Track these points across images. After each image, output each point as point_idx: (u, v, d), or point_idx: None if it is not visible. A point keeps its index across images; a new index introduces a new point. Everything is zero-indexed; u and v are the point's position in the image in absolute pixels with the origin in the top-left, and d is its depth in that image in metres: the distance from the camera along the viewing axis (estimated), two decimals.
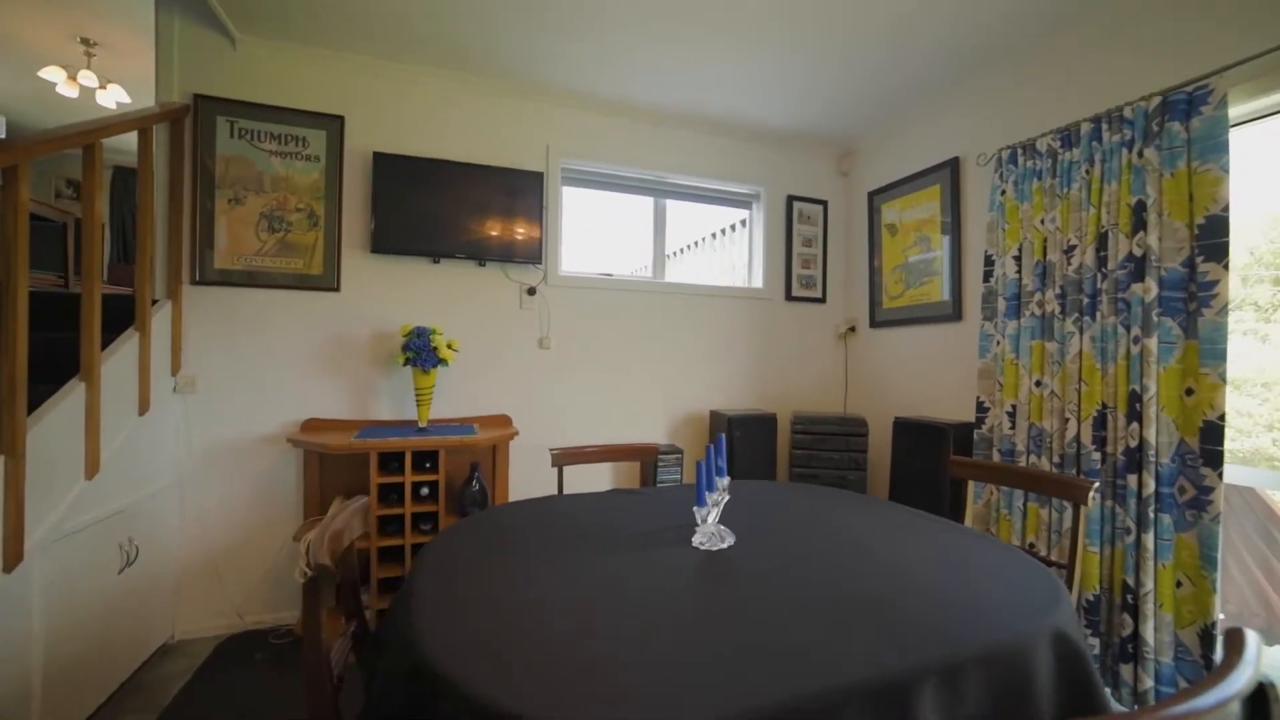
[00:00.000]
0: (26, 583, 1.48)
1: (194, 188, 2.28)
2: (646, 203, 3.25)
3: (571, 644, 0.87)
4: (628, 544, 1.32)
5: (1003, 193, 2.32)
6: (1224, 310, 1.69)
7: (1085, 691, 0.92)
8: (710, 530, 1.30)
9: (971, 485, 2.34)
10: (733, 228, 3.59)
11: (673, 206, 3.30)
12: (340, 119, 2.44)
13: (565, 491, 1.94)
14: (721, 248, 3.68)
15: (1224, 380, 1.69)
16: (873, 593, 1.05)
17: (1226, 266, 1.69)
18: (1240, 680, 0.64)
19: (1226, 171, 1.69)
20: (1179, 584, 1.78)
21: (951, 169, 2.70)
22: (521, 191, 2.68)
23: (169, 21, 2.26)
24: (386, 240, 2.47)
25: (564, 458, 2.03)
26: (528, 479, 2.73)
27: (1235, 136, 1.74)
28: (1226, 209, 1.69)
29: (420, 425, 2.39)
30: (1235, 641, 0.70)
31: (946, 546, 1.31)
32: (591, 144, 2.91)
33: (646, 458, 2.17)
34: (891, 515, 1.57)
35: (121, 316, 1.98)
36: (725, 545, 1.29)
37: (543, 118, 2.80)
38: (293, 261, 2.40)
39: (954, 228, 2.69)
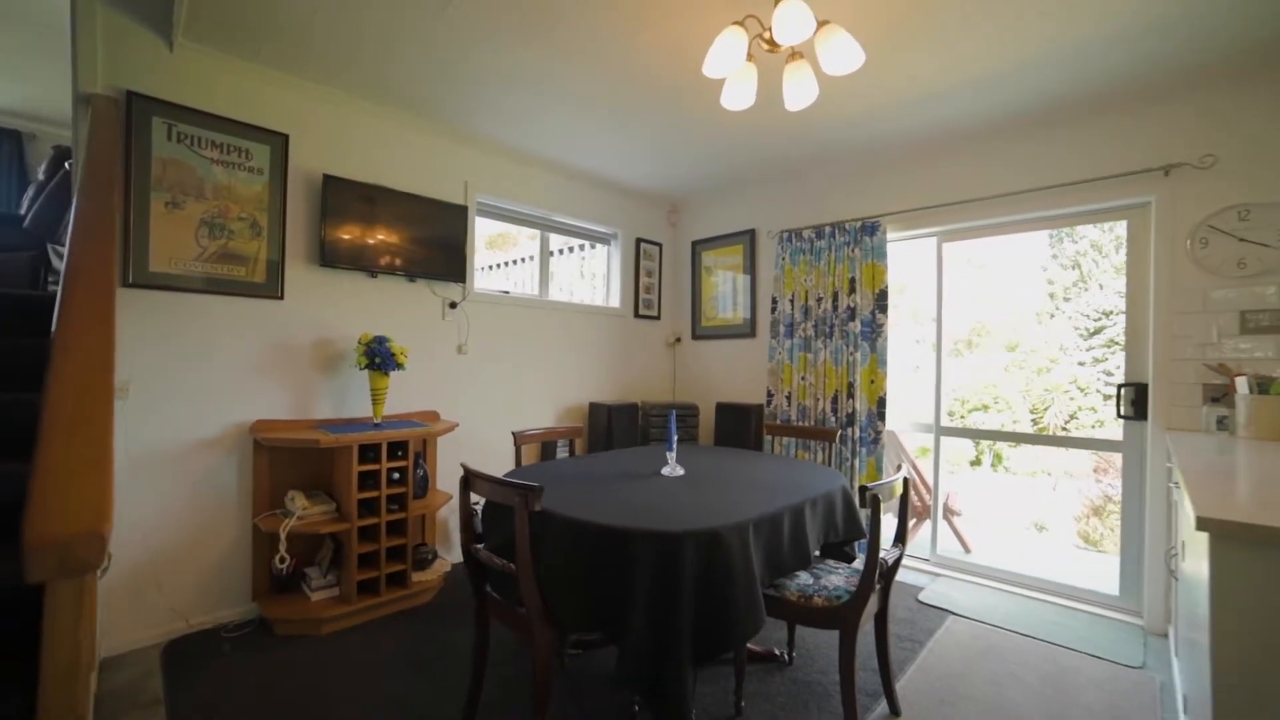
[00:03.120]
0: (100, 587, 1.56)
1: (125, 187, 2.21)
2: (535, 234, 3.93)
3: (621, 504, 1.70)
4: (619, 478, 2.13)
5: (783, 258, 3.74)
6: (886, 339, 3.28)
7: (852, 511, 2.13)
8: (673, 464, 2.21)
9: (766, 440, 3.71)
10: (590, 245, 4.46)
11: (554, 239, 4.04)
12: (285, 137, 2.57)
13: (508, 465, 2.59)
14: (587, 259, 4.52)
15: (886, 375, 3.28)
16: (768, 482, 2.10)
17: (886, 316, 3.28)
18: (900, 476, 1.87)
19: (886, 267, 3.28)
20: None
21: (750, 236, 4.07)
22: (448, 220, 3.13)
23: (89, 7, 2.15)
24: (333, 255, 2.69)
25: (523, 439, 2.67)
26: (450, 465, 3.19)
27: (892, 249, 3.37)
28: (887, 286, 3.28)
29: (376, 421, 2.70)
30: (897, 469, 1.94)
31: (787, 464, 2.48)
32: (500, 184, 3.49)
33: (577, 436, 2.95)
34: (750, 454, 2.70)
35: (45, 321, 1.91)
36: (682, 473, 2.21)
37: (463, 159, 3.28)
38: (235, 269, 2.46)
39: (751, 274, 4.07)
